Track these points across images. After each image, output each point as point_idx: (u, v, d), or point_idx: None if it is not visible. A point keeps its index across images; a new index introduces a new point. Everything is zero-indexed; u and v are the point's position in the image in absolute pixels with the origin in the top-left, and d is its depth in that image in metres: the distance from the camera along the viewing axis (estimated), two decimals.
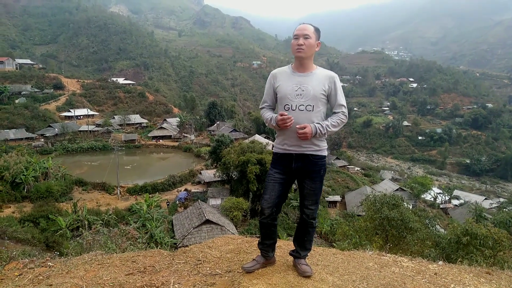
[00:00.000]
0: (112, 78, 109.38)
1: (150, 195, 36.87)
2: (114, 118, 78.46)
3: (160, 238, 28.13)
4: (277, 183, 3.14)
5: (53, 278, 3.12)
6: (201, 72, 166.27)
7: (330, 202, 44.20)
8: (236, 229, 32.22)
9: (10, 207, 33.74)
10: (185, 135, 71.87)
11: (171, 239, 29.53)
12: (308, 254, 3.34)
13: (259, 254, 3.31)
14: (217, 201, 37.64)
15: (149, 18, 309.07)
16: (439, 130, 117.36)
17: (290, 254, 3.36)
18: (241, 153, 36.94)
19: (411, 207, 42.41)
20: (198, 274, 3.15)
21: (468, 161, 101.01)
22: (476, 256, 6.98)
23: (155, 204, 34.32)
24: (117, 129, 73.70)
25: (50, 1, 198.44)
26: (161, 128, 73.95)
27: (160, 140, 70.09)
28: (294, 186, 41.96)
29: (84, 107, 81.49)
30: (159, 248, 4.64)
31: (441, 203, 54.92)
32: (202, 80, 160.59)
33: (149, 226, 28.99)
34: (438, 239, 8.50)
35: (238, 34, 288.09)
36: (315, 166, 3.08)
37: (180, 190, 42.34)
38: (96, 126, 73.31)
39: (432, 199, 55.75)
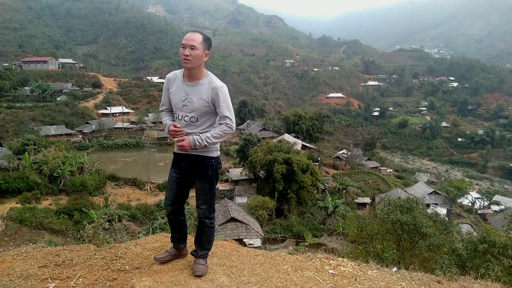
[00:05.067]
0: (147, 77, 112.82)
1: None
2: (148, 115, 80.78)
3: None
4: (174, 182, 3.32)
5: None
6: (234, 71, 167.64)
7: (359, 204, 43.11)
8: (262, 228, 32.15)
9: (47, 199, 35.51)
10: None
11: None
12: (208, 253, 3.42)
13: (172, 246, 3.53)
14: (243, 200, 37.73)
15: (185, 18, 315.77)
16: (480, 132, 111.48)
17: (191, 253, 3.46)
18: (268, 152, 36.84)
19: (445, 212, 40.69)
20: (108, 269, 3.26)
21: None
22: (493, 265, 6.50)
23: None
24: (151, 127, 75.80)
25: (91, 3, 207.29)
26: None
27: None
28: (322, 187, 41.41)
29: (120, 105, 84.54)
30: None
31: (480, 209, 52.13)
32: (235, 79, 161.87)
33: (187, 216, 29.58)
34: (454, 246, 8.01)
35: (271, 33, 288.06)
36: (202, 166, 3.20)
37: None
38: (131, 124, 75.79)
39: (470, 204, 53.05)
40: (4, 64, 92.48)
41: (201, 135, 3.05)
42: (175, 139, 3.04)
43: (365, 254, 9.52)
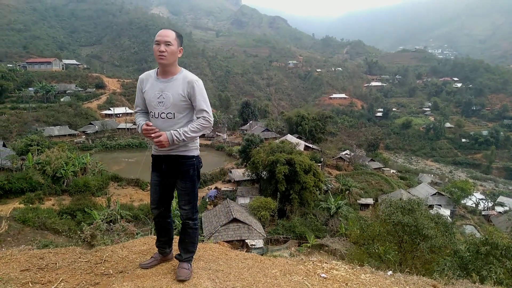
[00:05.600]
0: None
1: None
2: None
3: None
4: (157, 186, 3.31)
5: None
6: (237, 72, 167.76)
7: (362, 205, 42.91)
8: (264, 229, 32.09)
9: (50, 199, 35.55)
10: (218, 134, 72.73)
11: (199, 237, 29.99)
12: (193, 256, 3.36)
13: (157, 251, 3.49)
14: (246, 200, 37.69)
15: (188, 19, 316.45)
16: (485, 132, 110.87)
17: (175, 257, 3.41)
18: (271, 153, 36.78)
19: (449, 213, 40.42)
20: (91, 273, 3.20)
21: None
22: (495, 268, 6.39)
23: None
24: None
25: (95, 4, 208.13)
26: None
27: None
28: (324, 187, 41.27)
29: (123, 106, 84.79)
30: None
31: (484, 210, 51.78)
32: (238, 80, 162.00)
33: (178, 222, 29.57)
34: (456, 248, 7.90)
35: (274, 34, 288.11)
36: (183, 166, 3.17)
37: (211, 188, 42.84)
38: (134, 124, 75.87)
39: (474, 205, 52.71)
40: (8, 65, 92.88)
41: (178, 129, 3.00)
42: (152, 135, 2.97)
43: (366, 255, 9.44)
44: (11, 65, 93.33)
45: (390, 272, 3.59)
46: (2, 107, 71.20)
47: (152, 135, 2.95)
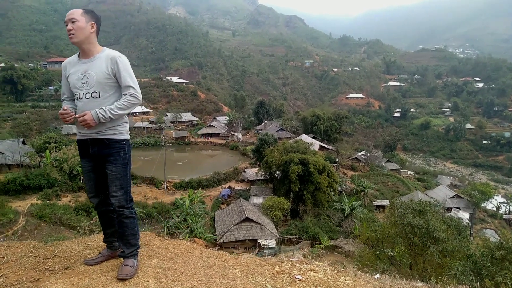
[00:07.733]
0: (167, 77, 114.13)
1: (194, 191, 37.72)
2: (167, 115, 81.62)
3: (199, 233, 28.58)
4: (90, 172, 3.17)
5: None
6: (253, 71, 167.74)
7: (377, 206, 42.13)
8: (277, 229, 31.86)
9: (67, 196, 36.23)
10: (233, 133, 72.77)
11: (211, 235, 29.92)
12: (137, 250, 3.13)
13: (105, 246, 3.32)
14: (259, 200, 37.50)
15: (205, 18, 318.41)
16: (507, 134, 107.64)
17: (118, 255, 3.20)
18: (284, 153, 36.49)
19: (468, 216, 39.26)
20: (35, 269, 3.05)
21: None
22: (510, 273, 6.00)
23: (198, 199, 34.97)
24: (169, 126, 76.53)
25: (114, 5, 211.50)
26: (210, 126, 75.57)
27: (209, 138, 71.63)
28: (339, 188, 40.71)
29: (139, 105, 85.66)
30: None
31: (505, 214, 50.17)
32: (254, 79, 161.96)
33: (190, 220, 29.56)
34: (470, 252, 7.49)
35: (291, 33, 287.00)
36: (112, 149, 3.04)
37: (224, 187, 42.84)
38: (150, 123, 76.76)
39: (495, 208, 51.13)
40: (30, 64, 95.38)
41: (103, 107, 2.88)
42: (67, 119, 2.89)
43: (375, 258, 9.09)
44: (32, 65, 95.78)
45: (377, 276, 3.32)
46: (23, 105, 73.13)
47: (76, 115, 2.87)
